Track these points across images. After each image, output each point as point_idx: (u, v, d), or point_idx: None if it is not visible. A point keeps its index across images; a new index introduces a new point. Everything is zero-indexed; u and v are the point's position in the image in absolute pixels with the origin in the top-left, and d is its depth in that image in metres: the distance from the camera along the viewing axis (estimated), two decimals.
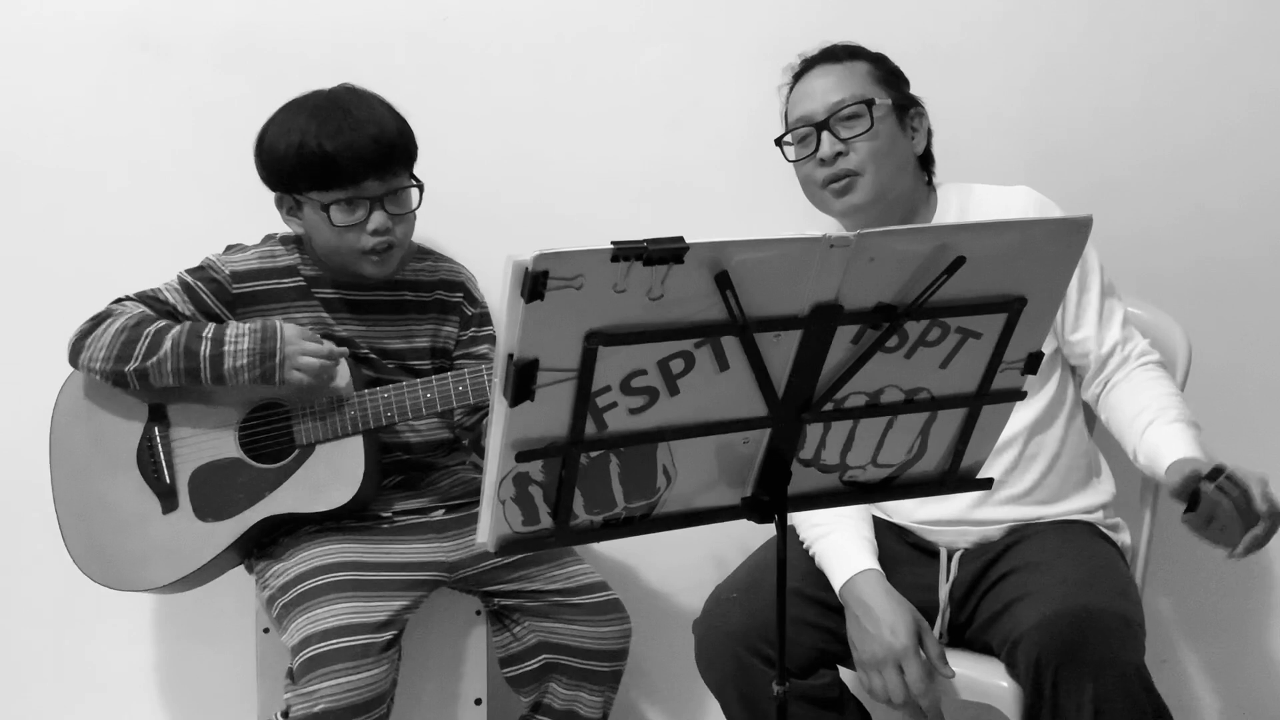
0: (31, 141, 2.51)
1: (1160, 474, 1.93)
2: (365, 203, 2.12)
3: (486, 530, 1.42)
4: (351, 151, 2.08)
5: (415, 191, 2.17)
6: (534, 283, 1.27)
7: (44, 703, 2.62)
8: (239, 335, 2.08)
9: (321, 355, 2.10)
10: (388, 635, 2.03)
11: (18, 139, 2.51)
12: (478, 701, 2.29)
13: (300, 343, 2.10)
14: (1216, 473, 1.74)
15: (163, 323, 2.11)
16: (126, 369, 2.08)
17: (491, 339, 2.33)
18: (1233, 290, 2.54)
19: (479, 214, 2.46)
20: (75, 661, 2.61)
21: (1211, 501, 1.74)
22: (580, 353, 1.34)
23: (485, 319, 2.34)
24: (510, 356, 1.32)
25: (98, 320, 2.13)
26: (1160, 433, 1.97)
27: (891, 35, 2.22)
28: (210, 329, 2.09)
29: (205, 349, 2.07)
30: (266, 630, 2.24)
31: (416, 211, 2.19)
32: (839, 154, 2.07)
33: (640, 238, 1.30)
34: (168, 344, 2.07)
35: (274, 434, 2.16)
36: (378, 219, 2.12)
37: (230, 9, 2.49)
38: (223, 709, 2.58)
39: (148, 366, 2.07)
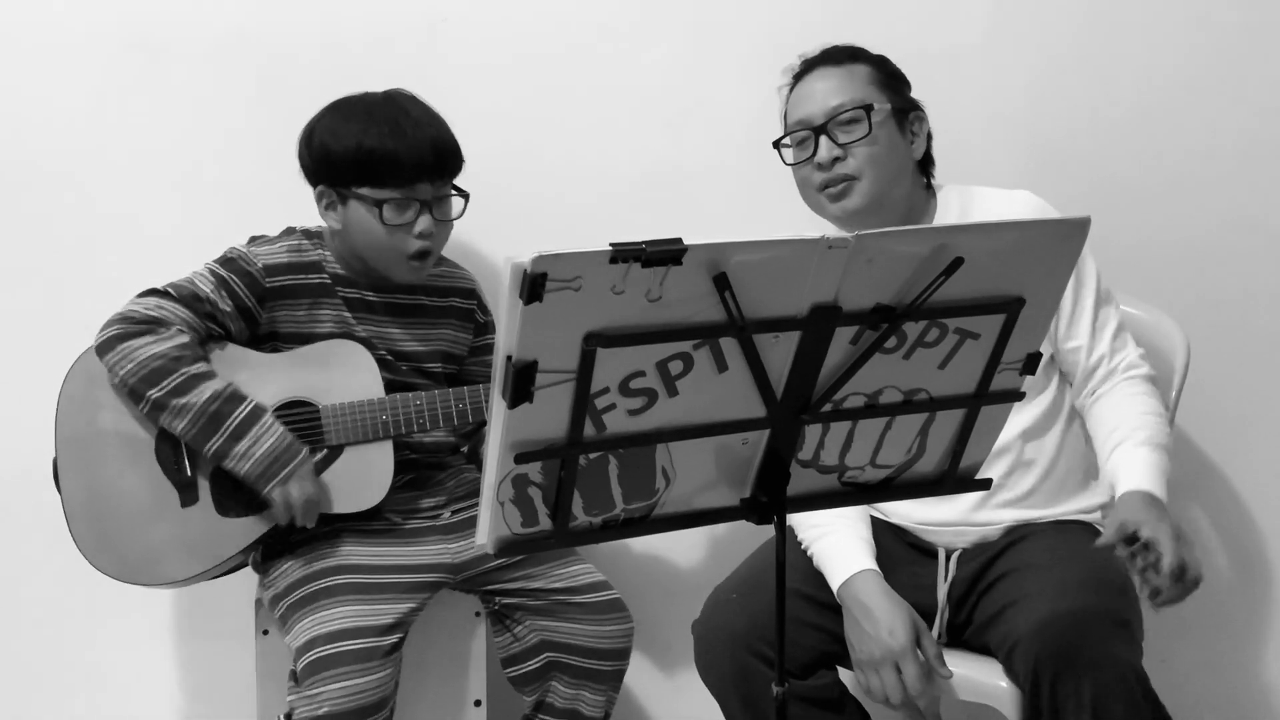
0: (30, 142, 2.51)
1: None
2: (415, 204, 2.12)
3: (485, 532, 1.42)
4: (413, 151, 2.09)
5: (459, 201, 2.18)
6: (532, 284, 1.27)
7: (44, 703, 2.62)
8: (269, 430, 2.06)
9: (313, 503, 2.09)
10: (393, 638, 2.03)
11: (16, 139, 2.51)
12: (477, 703, 2.28)
13: (308, 482, 2.08)
14: (1132, 540, 1.82)
15: (203, 366, 2.07)
16: (148, 394, 2.05)
17: None
18: (1232, 291, 2.54)
19: (478, 215, 2.46)
20: (74, 661, 2.61)
21: (1125, 562, 1.84)
22: (579, 354, 1.34)
23: (495, 326, 2.35)
24: (509, 358, 1.32)
25: (143, 328, 2.07)
26: (1122, 457, 1.99)
27: (892, 36, 2.22)
28: (250, 405, 2.06)
29: (235, 419, 2.05)
30: (266, 632, 2.24)
31: (456, 220, 2.20)
32: (836, 159, 2.06)
33: (639, 239, 1.30)
34: (202, 394, 2.04)
35: (301, 432, 2.14)
36: (424, 222, 2.13)
37: (228, 10, 2.49)
38: (222, 710, 2.59)
39: (170, 403, 2.05)
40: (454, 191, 2.18)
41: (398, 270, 2.18)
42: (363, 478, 2.14)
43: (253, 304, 2.16)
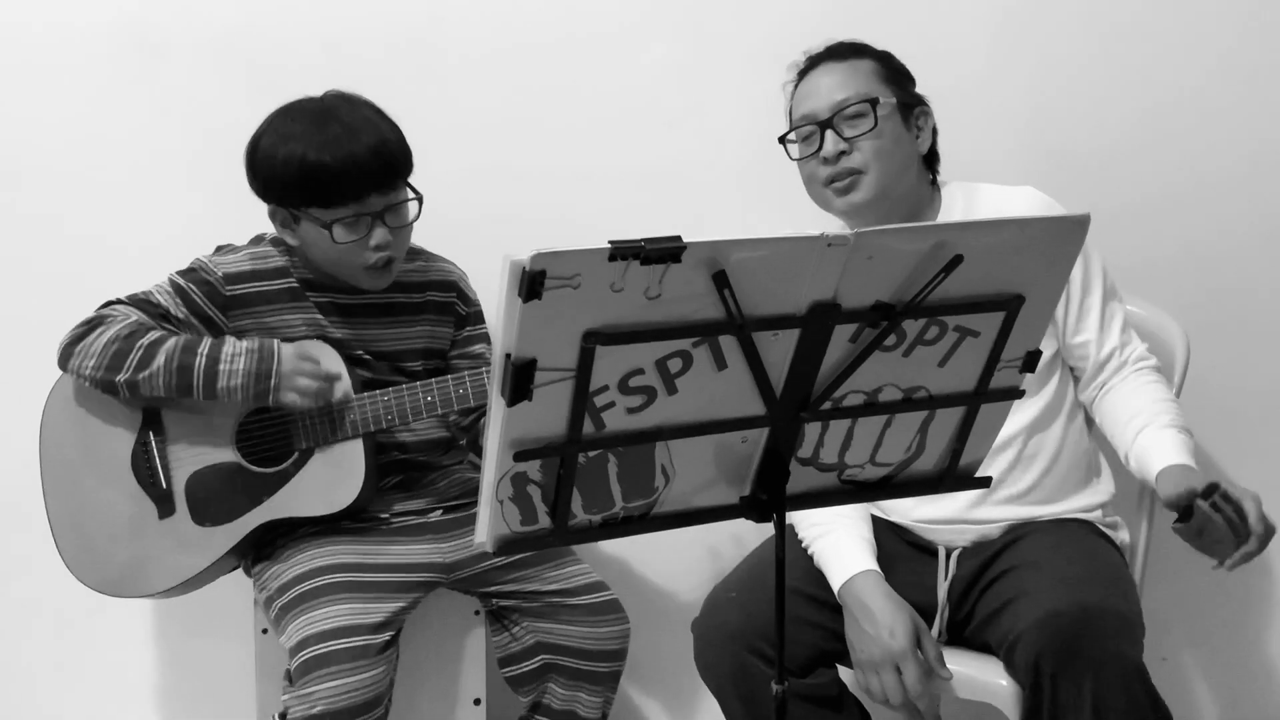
0: (27, 142, 2.51)
1: (1150, 479, 1.96)
2: (367, 218, 2.09)
3: (485, 530, 1.42)
4: (356, 168, 2.04)
5: (414, 203, 2.15)
6: (531, 282, 1.27)
7: (43, 703, 2.62)
8: (235, 354, 2.06)
9: (319, 377, 2.09)
10: (385, 636, 2.03)
11: (14, 140, 2.51)
12: (476, 701, 2.29)
13: (297, 363, 2.08)
14: (1211, 489, 1.78)
15: (156, 333, 2.08)
16: (117, 379, 2.06)
17: (486, 337, 2.33)
18: (1232, 290, 2.53)
19: (476, 214, 2.46)
20: (74, 662, 2.61)
21: (1205, 516, 1.78)
22: (578, 352, 1.34)
23: (479, 317, 2.34)
24: (508, 356, 1.32)
25: (90, 326, 2.10)
26: (1152, 438, 1.99)
27: (896, 34, 2.22)
28: (206, 344, 2.07)
29: (200, 364, 2.05)
30: (265, 631, 2.24)
31: (414, 223, 2.17)
32: (842, 153, 2.06)
33: (638, 237, 1.30)
34: (161, 358, 2.05)
35: (272, 437, 2.16)
36: (380, 234, 2.10)
37: (226, 11, 2.49)
38: (222, 710, 2.58)
39: (139, 379, 2.05)
40: (409, 194, 2.13)
41: (360, 281, 2.16)
42: (335, 479, 2.14)
43: (213, 312, 2.15)
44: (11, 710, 2.61)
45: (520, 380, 1.32)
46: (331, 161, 2.04)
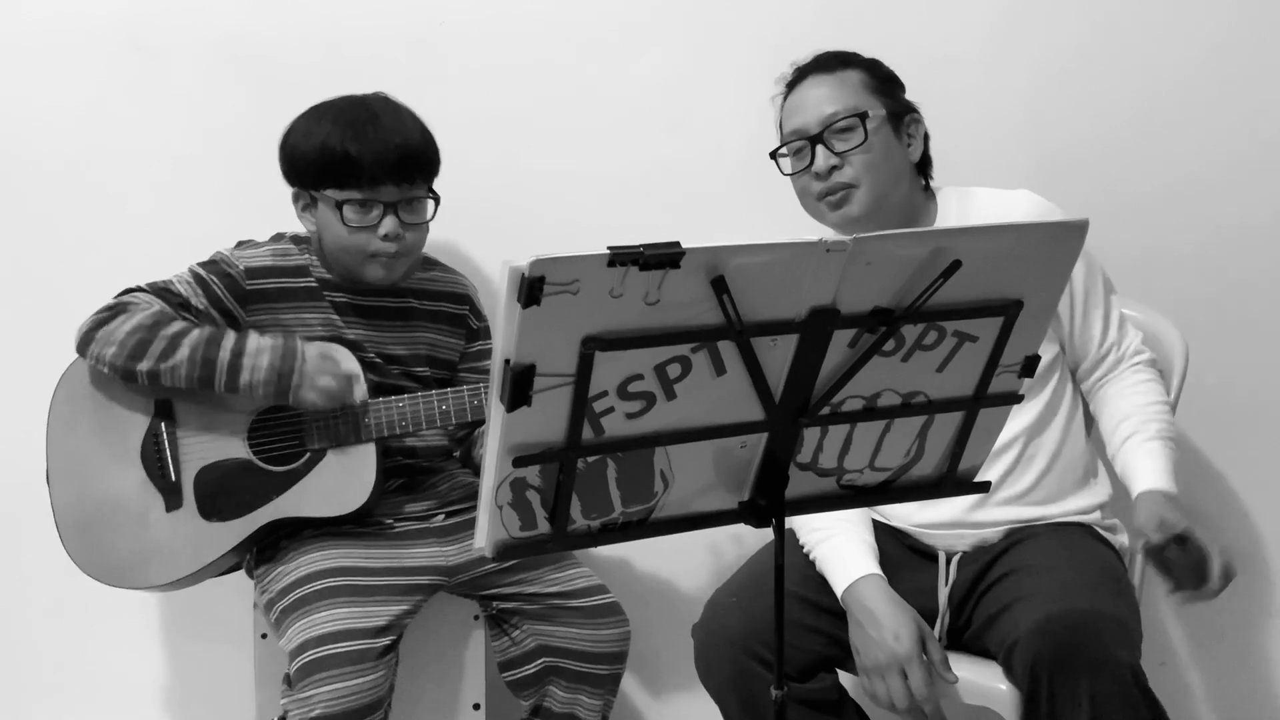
0: (27, 144, 2.51)
1: (1131, 495, 2.00)
2: (379, 206, 2.12)
3: (484, 535, 1.42)
4: (373, 154, 2.09)
5: (430, 203, 2.18)
6: (530, 288, 1.27)
7: (42, 706, 2.62)
8: (260, 350, 2.07)
9: (339, 378, 2.10)
10: (385, 640, 2.03)
11: (14, 141, 2.51)
12: (476, 706, 2.28)
13: (320, 362, 2.09)
14: (1181, 539, 1.87)
15: (179, 324, 2.09)
16: (139, 367, 2.06)
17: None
18: (1229, 293, 2.53)
19: (476, 219, 2.46)
20: (73, 665, 2.61)
21: (1169, 560, 1.89)
22: (577, 358, 1.34)
23: (489, 332, 2.35)
24: (507, 362, 1.32)
25: (113, 312, 2.09)
26: (1137, 451, 2.03)
27: (890, 39, 2.22)
28: (231, 339, 2.08)
29: (224, 358, 2.06)
30: (264, 635, 2.24)
31: (429, 223, 2.19)
32: (834, 167, 2.06)
33: (637, 243, 1.30)
34: (185, 349, 2.06)
35: (284, 436, 2.15)
36: (389, 224, 2.12)
37: (226, 12, 2.49)
38: (220, 714, 2.58)
39: (161, 369, 2.06)
40: (427, 194, 2.17)
41: (366, 271, 2.17)
42: (346, 481, 2.14)
43: (232, 305, 2.16)
44: (8, 713, 2.60)
45: (519, 386, 1.33)
46: (352, 143, 2.09)
